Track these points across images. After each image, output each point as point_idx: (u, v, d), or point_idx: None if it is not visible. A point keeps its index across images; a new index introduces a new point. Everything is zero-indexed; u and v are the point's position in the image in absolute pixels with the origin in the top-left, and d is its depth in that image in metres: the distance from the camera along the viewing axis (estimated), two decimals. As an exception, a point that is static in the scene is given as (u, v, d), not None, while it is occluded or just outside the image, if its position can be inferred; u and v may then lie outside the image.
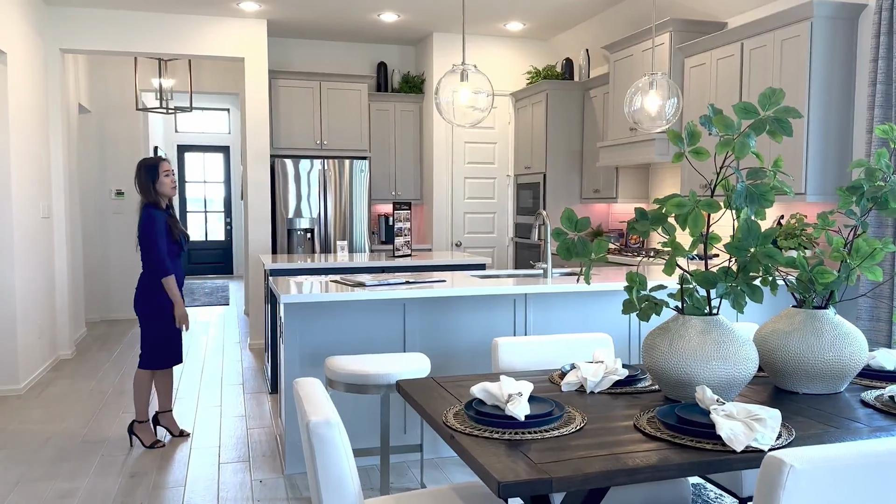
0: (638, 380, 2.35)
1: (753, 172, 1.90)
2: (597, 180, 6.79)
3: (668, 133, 1.93)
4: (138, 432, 4.20)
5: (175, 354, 4.23)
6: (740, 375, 2.06)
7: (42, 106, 6.21)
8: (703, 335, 2.07)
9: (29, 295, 5.65)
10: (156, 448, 4.16)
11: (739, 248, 1.98)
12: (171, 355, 4.21)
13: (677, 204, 1.92)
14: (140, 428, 4.20)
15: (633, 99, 4.09)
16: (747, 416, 1.81)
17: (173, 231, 4.08)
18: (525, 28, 7.27)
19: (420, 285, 3.85)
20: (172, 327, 4.15)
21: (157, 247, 3.99)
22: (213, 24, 6.74)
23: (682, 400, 2.13)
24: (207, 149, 13.70)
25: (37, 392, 5.39)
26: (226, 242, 13.95)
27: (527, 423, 1.86)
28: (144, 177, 4.10)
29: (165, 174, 4.11)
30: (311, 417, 1.71)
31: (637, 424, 1.91)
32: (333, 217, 7.27)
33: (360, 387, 3.11)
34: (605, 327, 4.15)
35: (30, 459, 4.00)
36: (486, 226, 7.76)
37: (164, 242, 4.01)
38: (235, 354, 6.75)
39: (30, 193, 5.76)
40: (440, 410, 2.07)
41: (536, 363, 2.73)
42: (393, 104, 7.74)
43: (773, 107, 1.84)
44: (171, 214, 4.16)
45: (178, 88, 8.51)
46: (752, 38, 4.79)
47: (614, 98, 6.23)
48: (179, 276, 4.17)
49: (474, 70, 3.76)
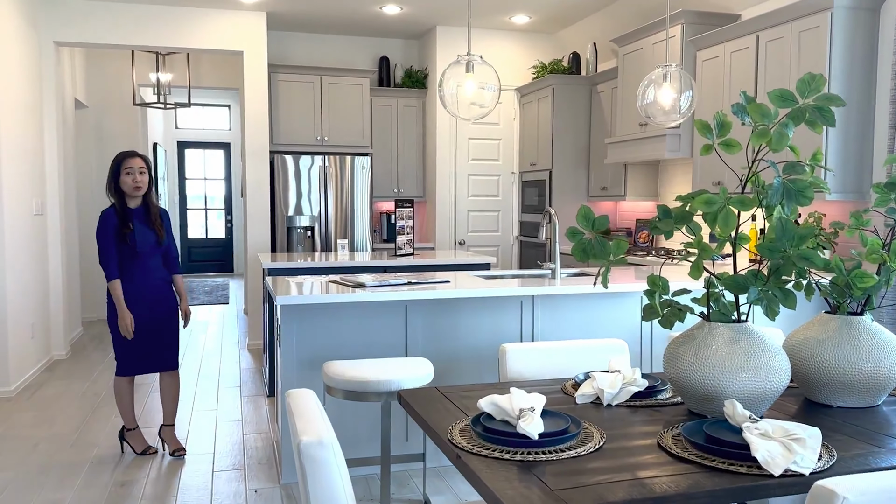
0: (658, 391, 2.18)
1: (790, 167, 1.72)
2: (604, 177, 6.61)
3: (696, 123, 1.76)
4: (128, 439, 4.03)
5: (138, 362, 3.89)
6: (772, 388, 1.89)
7: (36, 100, 6.05)
8: (731, 344, 1.90)
9: (20, 294, 5.49)
10: (148, 454, 3.99)
11: (772, 249, 1.80)
12: (134, 362, 3.89)
13: (706, 201, 1.75)
14: (130, 435, 4.02)
15: (645, 92, 3.91)
16: (784, 436, 1.64)
17: (124, 233, 3.75)
18: (531, 21, 7.09)
19: (423, 286, 3.68)
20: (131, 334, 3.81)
21: (101, 250, 3.75)
22: (211, 16, 6.57)
23: (708, 415, 1.96)
24: (208, 145, 13.54)
25: (28, 394, 5.23)
26: (226, 240, 13.80)
27: (541, 441, 1.69)
28: (109, 174, 3.84)
29: (127, 171, 3.79)
30: (302, 437, 1.55)
31: (661, 443, 1.74)
32: (334, 215, 7.10)
33: (359, 394, 2.94)
34: (616, 331, 3.98)
35: (17, 466, 3.85)
36: (491, 224, 7.58)
37: (110, 246, 3.74)
38: (234, 355, 6.59)
39: (21, 190, 5.59)
40: (444, 425, 1.90)
41: (547, 371, 2.56)
42: (395, 99, 7.56)
43: (812, 94, 1.67)
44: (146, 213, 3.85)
45: (177, 83, 8.35)
46: (768, 29, 4.61)
47: (623, 93, 6.05)
48: (143, 279, 3.83)
49: (480, 61, 3.59)
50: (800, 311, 4.26)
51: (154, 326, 3.90)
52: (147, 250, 3.83)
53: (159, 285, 3.93)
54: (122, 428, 4.05)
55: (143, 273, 3.85)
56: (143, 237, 3.82)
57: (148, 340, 3.90)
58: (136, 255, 3.81)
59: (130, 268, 3.82)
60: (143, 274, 3.84)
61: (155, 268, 3.90)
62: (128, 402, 3.97)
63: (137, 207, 3.87)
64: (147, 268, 3.86)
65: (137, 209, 3.87)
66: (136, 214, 3.85)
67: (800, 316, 4.25)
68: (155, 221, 3.89)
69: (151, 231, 3.86)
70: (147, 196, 3.90)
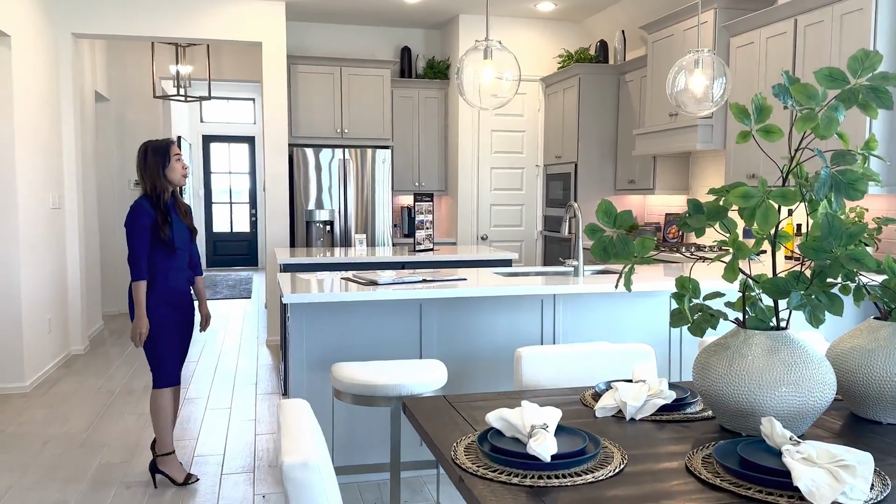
0: (687, 404, 1.98)
1: (840, 156, 1.52)
2: (632, 170, 6.38)
3: (732, 107, 1.56)
4: (165, 468, 3.46)
5: (178, 370, 3.51)
6: (815, 404, 1.69)
7: (53, 93, 5.98)
8: (769, 354, 1.70)
9: (37, 289, 5.43)
10: (190, 483, 3.49)
11: (818, 249, 1.60)
12: (176, 369, 3.49)
13: (743, 195, 1.55)
14: (166, 462, 3.46)
15: (675, 79, 3.69)
16: (831, 461, 1.44)
17: (162, 229, 3.33)
18: (556, 9, 6.87)
19: (438, 284, 3.51)
20: (169, 341, 3.42)
21: (132, 247, 3.30)
22: (229, 6, 6.45)
23: (742, 432, 1.76)
24: (233, 139, 13.51)
25: (43, 390, 5.17)
26: (251, 234, 13.77)
27: (554, 464, 1.51)
28: (152, 160, 3.38)
29: (177, 158, 3.42)
30: (285, 458, 1.39)
31: (690, 466, 1.56)
32: (354, 209, 6.95)
33: (367, 398, 2.78)
34: (644, 333, 3.77)
35: (25, 465, 3.76)
36: (514, 218, 7.38)
37: (144, 242, 3.30)
38: (252, 351, 6.49)
39: (38, 183, 5.53)
40: (449, 441, 1.73)
41: (566, 378, 2.37)
42: (416, 90, 7.39)
43: (866, 73, 1.46)
44: (175, 206, 3.45)
45: (199, 76, 8.26)
46: (807, 13, 4.35)
47: (652, 82, 5.81)
48: (177, 279, 3.44)
49: (499, 47, 3.40)
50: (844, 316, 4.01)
51: (188, 332, 3.53)
52: (182, 246, 3.45)
53: (187, 286, 3.54)
54: (152, 460, 3.48)
55: (178, 272, 3.45)
56: (179, 232, 3.43)
57: (184, 346, 3.52)
58: (174, 252, 3.40)
59: (166, 266, 3.39)
60: (177, 273, 3.44)
61: (185, 267, 3.51)
62: (171, 419, 3.48)
63: (170, 200, 3.45)
64: (181, 266, 3.47)
65: (170, 202, 3.45)
66: (171, 207, 3.45)
67: (844, 322, 4.00)
68: (187, 214, 3.52)
69: (184, 224, 3.48)
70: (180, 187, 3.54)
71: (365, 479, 3.52)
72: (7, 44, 5.02)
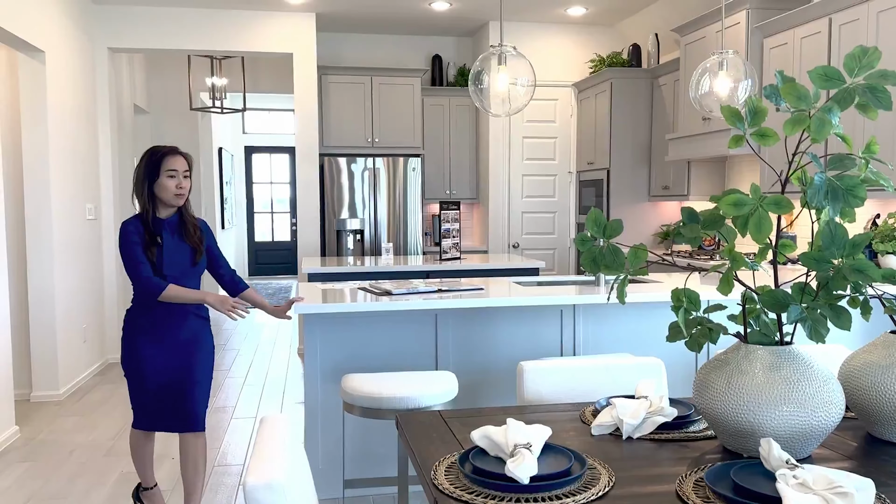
0: (690, 422, 1.89)
1: (837, 160, 1.42)
2: (666, 176, 6.23)
3: (723, 110, 1.48)
4: (145, 499, 3.26)
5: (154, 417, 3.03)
6: (820, 425, 1.58)
7: (90, 106, 6.12)
8: (771, 371, 1.60)
9: (72, 298, 5.54)
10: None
11: (820, 259, 1.50)
12: (150, 417, 3.04)
13: (735, 203, 1.46)
14: (147, 496, 3.25)
15: (700, 81, 3.58)
16: (827, 488, 1.34)
17: (150, 250, 2.88)
18: (588, 13, 6.76)
19: (453, 294, 3.45)
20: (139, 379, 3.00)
21: (129, 268, 2.87)
22: (261, 18, 6.52)
23: (743, 453, 1.67)
24: (275, 150, 13.69)
25: (76, 398, 5.26)
26: (292, 243, 13.92)
27: (532, 486, 1.44)
28: (142, 173, 2.91)
29: (170, 174, 2.90)
30: (248, 478, 1.35)
31: (680, 491, 1.47)
32: (385, 218, 6.94)
33: (375, 411, 2.74)
34: (668, 345, 3.64)
35: (49, 474, 3.82)
36: (546, 226, 7.28)
37: (140, 252, 2.87)
38: (284, 360, 6.52)
39: (73, 194, 5.65)
40: (433, 460, 1.67)
41: (569, 394, 2.29)
42: (447, 98, 7.35)
43: (864, 71, 1.37)
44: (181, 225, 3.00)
45: (236, 88, 8.37)
46: (842, 11, 4.18)
47: (685, 85, 5.66)
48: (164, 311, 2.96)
49: (514, 53, 3.34)
50: (867, 327, 3.83)
51: (178, 376, 2.98)
52: (176, 274, 2.94)
53: (189, 320, 3.01)
54: (137, 485, 3.28)
55: (166, 306, 2.94)
56: (173, 257, 2.94)
57: (169, 393, 2.99)
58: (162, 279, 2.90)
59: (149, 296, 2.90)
60: (164, 307, 2.94)
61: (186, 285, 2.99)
62: (143, 457, 3.20)
63: (170, 218, 2.98)
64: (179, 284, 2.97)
65: (170, 220, 2.98)
66: (166, 226, 2.97)
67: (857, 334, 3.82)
68: (193, 234, 3.01)
69: (186, 246, 2.99)
70: (184, 205, 3.01)
71: (378, 492, 3.47)
72: (42, 59, 5.15)
